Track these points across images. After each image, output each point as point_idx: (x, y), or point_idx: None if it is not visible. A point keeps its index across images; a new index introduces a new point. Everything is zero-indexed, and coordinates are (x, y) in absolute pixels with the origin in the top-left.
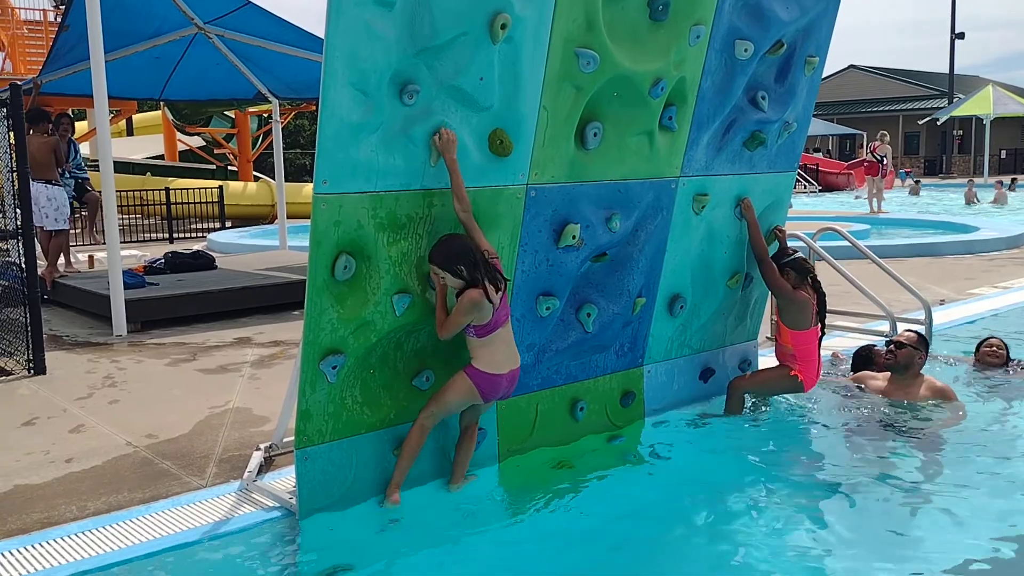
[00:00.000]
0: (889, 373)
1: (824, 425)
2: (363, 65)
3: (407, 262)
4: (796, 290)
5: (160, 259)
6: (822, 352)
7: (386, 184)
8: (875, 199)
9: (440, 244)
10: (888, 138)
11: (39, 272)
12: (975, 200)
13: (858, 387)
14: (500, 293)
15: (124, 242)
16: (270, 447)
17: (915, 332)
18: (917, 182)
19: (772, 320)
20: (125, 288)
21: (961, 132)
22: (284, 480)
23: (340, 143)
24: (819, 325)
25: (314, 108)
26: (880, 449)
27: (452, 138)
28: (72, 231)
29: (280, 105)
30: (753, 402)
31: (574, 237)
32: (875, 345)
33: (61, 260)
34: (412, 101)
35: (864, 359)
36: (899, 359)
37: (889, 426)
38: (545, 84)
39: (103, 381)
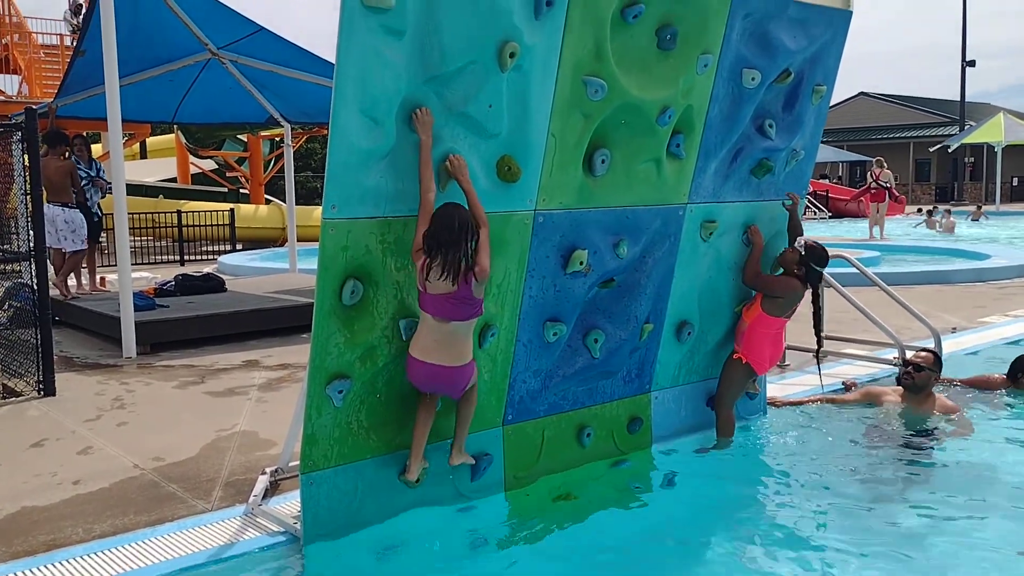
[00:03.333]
0: (901, 389)
1: (837, 444)
2: (373, 91)
3: (414, 286)
4: (789, 278)
5: (171, 281)
6: (837, 384)
7: (395, 209)
8: (877, 226)
9: (442, 208)
10: (885, 164)
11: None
12: (936, 227)
13: (870, 404)
14: (447, 281)
15: (136, 264)
16: (276, 471)
17: (932, 352)
18: (979, 207)
19: None
20: (136, 310)
21: (972, 160)
22: (289, 505)
23: (350, 168)
24: (785, 319)
25: (326, 132)
26: (896, 467)
27: (463, 163)
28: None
29: (292, 129)
30: (761, 423)
31: (582, 263)
32: None
33: (72, 281)
34: None
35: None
36: (916, 380)
37: (904, 443)
38: (553, 111)
39: (112, 403)
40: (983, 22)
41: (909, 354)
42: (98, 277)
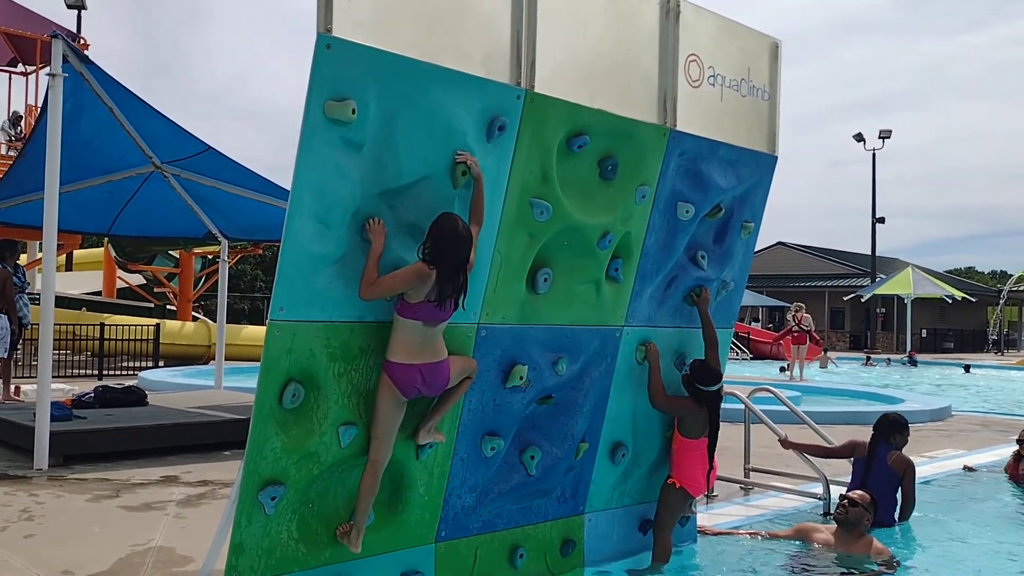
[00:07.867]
0: (835, 526)
1: None
2: (328, 200)
3: (356, 393)
4: (681, 399)
5: (90, 393)
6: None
7: (342, 314)
8: (798, 367)
9: (438, 219)
10: (804, 308)
11: None
12: (831, 364)
13: (802, 540)
14: (449, 299)
15: (52, 376)
16: None
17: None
18: (826, 352)
19: None
20: (51, 420)
21: (884, 310)
22: None
23: (300, 271)
24: (706, 438)
25: (261, 252)
26: None
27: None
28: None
29: (228, 246)
30: (692, 551)
31: (521, 378)
32: None
33: None
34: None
35: None
36: (850, 516)
37: None
38: (500, 229)
39: (19, 514)
40: (891, 186)
41: (833, 489)
42: (12, 386)
